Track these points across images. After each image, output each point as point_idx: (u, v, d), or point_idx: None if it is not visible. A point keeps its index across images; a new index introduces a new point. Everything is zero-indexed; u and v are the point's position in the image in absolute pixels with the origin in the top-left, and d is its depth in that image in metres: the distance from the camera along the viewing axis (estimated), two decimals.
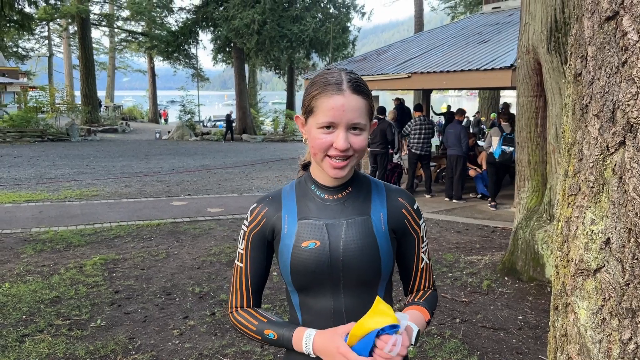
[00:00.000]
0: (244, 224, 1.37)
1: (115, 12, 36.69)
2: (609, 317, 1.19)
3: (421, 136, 9.62)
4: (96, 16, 34.40)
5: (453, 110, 12.54)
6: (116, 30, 38.61)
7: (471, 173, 10.02)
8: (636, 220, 1.11)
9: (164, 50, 30.08)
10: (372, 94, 1.39)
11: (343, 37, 27.42)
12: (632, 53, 1.11)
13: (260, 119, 32.99)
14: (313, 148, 1.25)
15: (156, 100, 41.18)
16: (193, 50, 32.60)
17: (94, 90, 30.08)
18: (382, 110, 10.19)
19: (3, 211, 8.11)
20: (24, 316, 4.20)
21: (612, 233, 1.17)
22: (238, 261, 1.38)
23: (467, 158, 9.72)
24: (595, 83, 1.22)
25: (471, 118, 20.56)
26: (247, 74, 33.77)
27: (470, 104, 47.84)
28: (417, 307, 1.37)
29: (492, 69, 8.07)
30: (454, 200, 9.43)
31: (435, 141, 13.61)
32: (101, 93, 39.56)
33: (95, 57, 32.67)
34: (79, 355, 3.55)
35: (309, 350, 1.23)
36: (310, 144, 1.26)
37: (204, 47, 39.16)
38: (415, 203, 1.39)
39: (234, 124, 27.24)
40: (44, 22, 34.80)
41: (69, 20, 31.43)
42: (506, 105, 14.69)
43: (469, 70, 8.52)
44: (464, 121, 11.38)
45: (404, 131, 10.03)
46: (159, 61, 36.29)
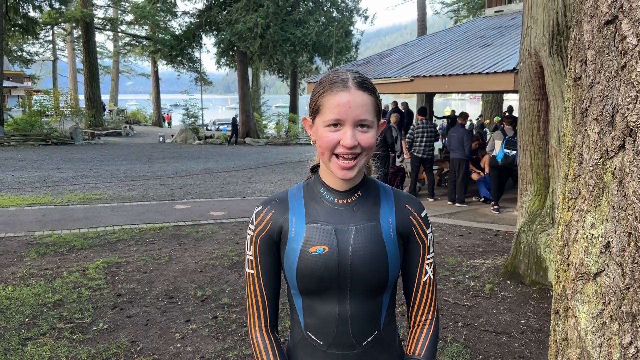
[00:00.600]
0: (250, 229, 1.33)
1: (119, 17, 36.92)
2: (609, 321, 1.18)
3: (424, 140, 9.62)
4: (100, 20, 34.61)
5: (456, 113, 12.54)
6: (120, 34, 38.82)
7: (474, 177, 10.00)
8: (636, 224, 1.11)
9: (168, 54, 30.21)
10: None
11: (346, 41, 27.49)
12: (631, 57, 1.11)
13: (263, 123, 33.08)
14: (320, 147, 1.23)
15: (160, 103, 41.32)
16: (196, 54, 32.68)
17: (98, 94, 30.21)
18: (383, 113, 10.20)
19: (7, 214, 8.14)
20: (27, 319, 4.21)
21: (612, 237, 1.17)
22: (249, 268, 1.33)
23: (470, 161, 9.72)
24: (594, 87, 1.22)
25: (474, 121, 20.56)
26: (251, 78, 33.87)
27: (473, 108, 47.80)
28: None
29: (495, 73, 8.07)
30: (457, 203, 9.42)
31: (438, 144, 13.60)
32: (105, 97, 39.77)
33: (99, 61, 32.83)
34: (81, 358, 3.56)
35: None
36: (317, 144, 1.24)
37: (208, 51, 39.35)
38: (424, 211, 1.36)
39: (238, 127, 27.32)
40: (49, 27, 34.93)
41: (73, 24, 31.62)
42: (511, 108, 14.67)
43: (472, 73, 8.52)
44: (467, 125, 11.37)
45: (408, 136, 10.03)
46: (163, 65, 36.43)
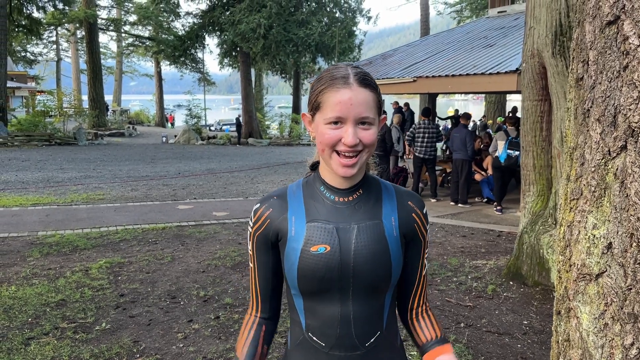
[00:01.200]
0: (249, 225, 1.33)
1: (122, 17, 36.99)
2: (611, 322, 1.18)
3: (424, 140, 9.62)
4: (104, 21, 34.71)
5: (460, 114, 12.53)
6: (123, 34, 38.91)
7: (477, 177, 9.99)
8: (638, 224, 1.11)
9: (171, 54, 30.27)
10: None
11: (349, 41, 27.50)
12: (633, 57, 1.11)
13: (266, 123, 33.10)
14: (321, 144, 1.20)
15: (163, 104, 41.40)
16: (199, 54, 32.75)
17: (101, 94, 30.30)
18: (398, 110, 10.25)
19: (10, 214, 8.17)
20: (30, 319, 4.22)
21: (614, 237, 1.17)
22: (250, 261, 1.36)
23: (473, 162, 9.71)
24: (596, 87, 1.22)
25: (477, 122, 20.52)
26: (254, 78, 33.90)
27: (476, 108, 47.74)
28: (446, 348, 1.34)
29: (498, 73, 8.06)
30: (460, 204, 9.41)
31: (441, 145, 13.59)
32: (108, 97, 39.84)
33: (102, 62, 32.89)
34: (84, 358, 3.56)
35: None
36: (317, 140, 1.22)
37: (211, 52, 39.47)
38: (424, 207, 1.36)
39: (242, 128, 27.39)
40: (52, 27, 35.13)
41: (77, 25, 31.74)
42: (515, 109, 14.65)
43: (475, 74, 8.51)
44: (470, 125, 11.36)
45: (409, 134, 10.04)
46: (166, 65, 36.53)
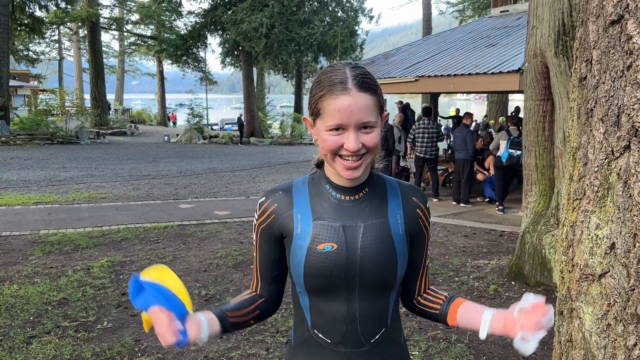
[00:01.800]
0: (255, 216, 1.35)
1: (124, 16, 37.05)
2: (614, 323, 1.18)
3: (424, 140, 9.61)
4: (106, 20, 34.74)
5: (461, 113, 12.52)
6: (125, 33, 38.96)
7: (479, 177, 9.98)
8: None
9: (173, 53, 30.28)
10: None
11: (351, 41, 27.45)
12: (637, 57, 1.11)
13: (268, 122, 33.10)
14: (323, 149, 1.20)
15: (165, 103, 41.44)
16: (202, 53, 32.75)
17: (104, 93, 30.34)
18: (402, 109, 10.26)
19: (12, 213, 8.18)
20: (32, 317, 4.23)
21: (617, 238, 1.16)
22: (253, 250, 1.38)
23: (476, 161, 9.69)
24: (600, 87, 1.21)
25: (479, 121, 20.49)
26: (256, 78, 33.89)
27: (478, 108, 47.71)
28: (460, 300, 1.34)
29: (500, 73, 8.04)
30: (462, 204, 9.40)
31: (443, 145, 13.57)
32: (110, 96, 39.90)
33: (104, 61, 32.98)
34: (85, 357, 3.57)
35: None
36: (320, 146, 1.21)
37: (213, 51, 39.57)
38: (427, 201, 1.37)
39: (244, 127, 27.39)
40: (55, 26, 35.14)
41: (79, 23, 31.74)
42: (518, 109, 14.62)
43: (477, 74, 8.49)
44: (472, 125, 11.35)
45: (409, 136, 10.03)
46: (168, 64, 36.51)
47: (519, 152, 8.18)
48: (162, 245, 6.50)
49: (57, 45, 45.90)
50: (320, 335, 1.28)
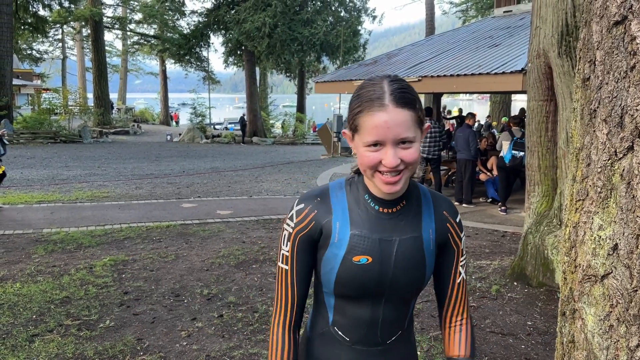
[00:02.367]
0: (288, 224, 1.29)
1: (128, 15, 37.10)
2: (617, 324, 1.18)
3: (427, 140, 9.61)
4: (109, 19, 34.80)
5: (463, 113, 12.50)
6: (129, 33, 39.02)
7: (482, 177, 9.97)
8: None
9: (176, 53, 30.34)
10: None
11: (354, 41, 27.47)
12: None
13: (270, 122, 33.14)
14: (362, 165, 1.19)
15: (167, 102, 41.51)
16: (204, 53, 32.81)
17: (106, 92, 30.40)
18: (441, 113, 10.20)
19: (15, 212, 8.21)
20: (34, 316, 4.24)
21: (620, 239, 1.16)
22: (282, 263, 1.31)
23: (479, 162, 9.68)
24: (603, 88, 1.21)
25: (482, 122, 20.47)
26: (258, 77, 33.93)
27: (481, 108, 47.61)
28: None
29: (503, 73, 8.03)
30: (464, 204, 9.39)
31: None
32: (113, 95, 39.98)
33: (107, 60, 33.03)
34: (88, 355, 3.58)
35: None
36: (359, 161, 1.20)
37: (215, 50, 39.63)
38: (458, 216, 1.37)
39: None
40: (58, 25, 35.21)
41: (83, 23, 31.84)
42: (523, 110, 14.59)
43: (480, 74, 8.48)
44: (475, 125, 11.33)
45: None
46: (171, 64, 36.59)
47: (522, 153, 8.17)
48: (165, 244, 6.52)
49: (61, 44, 46.01)
50: (340, 333, 1.33)
